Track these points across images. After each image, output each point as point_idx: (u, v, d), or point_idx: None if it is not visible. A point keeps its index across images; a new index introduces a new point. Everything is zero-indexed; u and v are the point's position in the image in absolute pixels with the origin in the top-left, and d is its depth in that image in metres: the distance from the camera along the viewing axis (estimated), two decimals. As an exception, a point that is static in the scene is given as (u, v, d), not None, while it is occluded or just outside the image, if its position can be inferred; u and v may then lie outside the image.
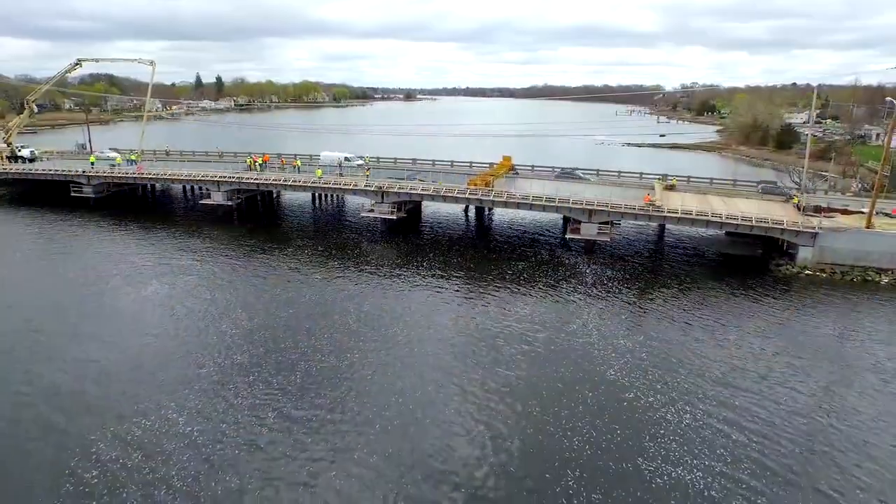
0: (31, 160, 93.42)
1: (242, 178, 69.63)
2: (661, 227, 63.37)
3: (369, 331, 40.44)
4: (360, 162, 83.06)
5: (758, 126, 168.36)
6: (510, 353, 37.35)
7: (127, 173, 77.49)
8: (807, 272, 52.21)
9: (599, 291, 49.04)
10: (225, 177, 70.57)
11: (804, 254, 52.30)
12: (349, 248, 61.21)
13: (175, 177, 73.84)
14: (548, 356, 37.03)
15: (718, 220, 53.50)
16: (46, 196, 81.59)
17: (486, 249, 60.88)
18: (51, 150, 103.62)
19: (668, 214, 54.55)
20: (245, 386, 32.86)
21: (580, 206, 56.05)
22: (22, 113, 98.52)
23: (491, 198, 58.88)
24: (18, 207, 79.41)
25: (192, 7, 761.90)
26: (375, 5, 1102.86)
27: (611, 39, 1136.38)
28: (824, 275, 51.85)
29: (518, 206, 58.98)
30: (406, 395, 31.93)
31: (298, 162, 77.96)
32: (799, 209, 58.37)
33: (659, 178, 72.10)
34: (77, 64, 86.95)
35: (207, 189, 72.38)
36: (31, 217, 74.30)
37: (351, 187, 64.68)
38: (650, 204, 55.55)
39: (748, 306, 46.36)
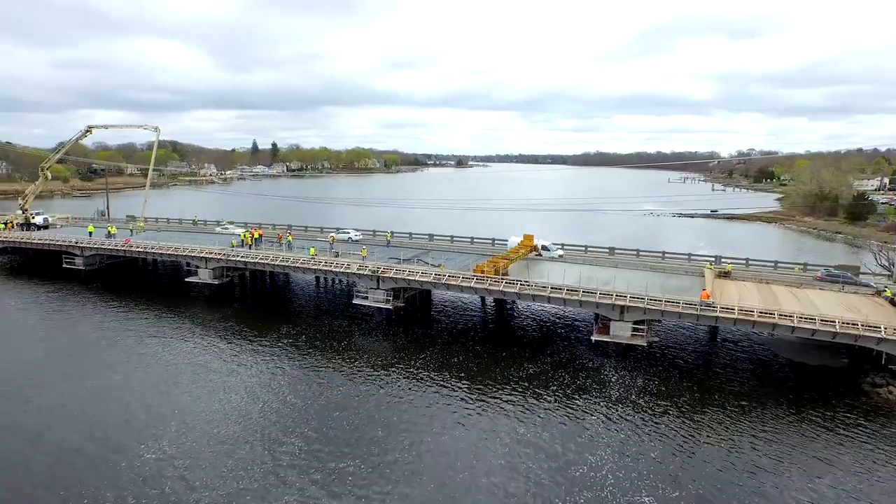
0: (44, 227, 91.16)
1: (230, 256, 62.25)
2: (714, 326, 51.35)
3: (340, 448, 32.62)
4: (358, 236, 75.34)
5: (825, 195, 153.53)
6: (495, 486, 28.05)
7: (116, 245, 71.77)
8: (916, 397, 39.29)
9: (626, 411, 37.70)
10: (212, 253, 63.45)
11: (911, 372, 39.62)
12: (340, 340, 52.31)
13: (161, 251, 67.30)
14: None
15: (789, 323, 41.43)
16: (43, 266, 78.04)
17: (497, 346, 50.39)
18: (66, 217, 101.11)
19: (723, 315, 42.89)
20: None
21: (609, 301, 45.17)
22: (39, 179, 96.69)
23: (500, 288, 48.70)
24: (15, 277, 76.34)
25: (261, 80, 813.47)
26: (435, 77, 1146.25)
27: (664, 108, 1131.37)
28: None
29: (534, 298, 48.54)
30: None
31: (291, 237, 70.25)
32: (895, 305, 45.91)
33: (710, 262, 60.50)
34: (88, 131, 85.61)
35: (196, 265, 65.32)
36: (20, 289, 70.23)
37: (342, 270, 55.91)
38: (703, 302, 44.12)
39: (836, 445, 33.97)
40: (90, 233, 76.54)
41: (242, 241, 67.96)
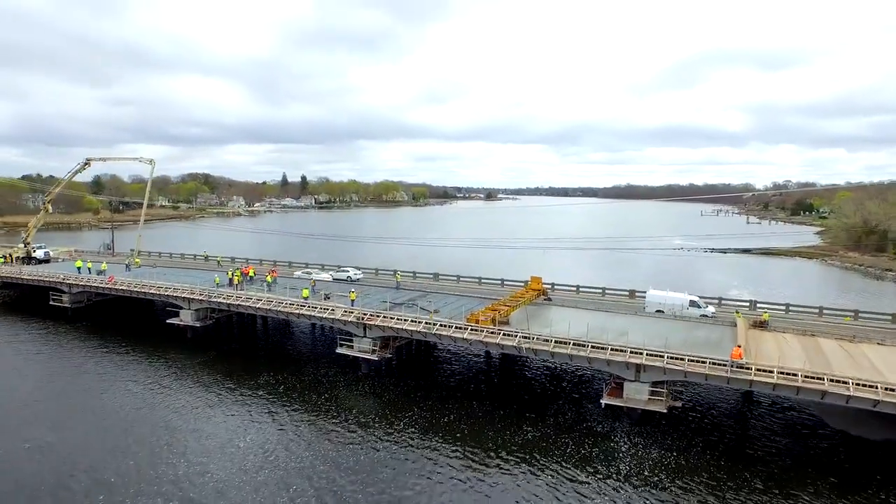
0: (45, 261, 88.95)
1: (210, 297, 57.50)
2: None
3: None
4: (358, 275, 70.20)
5: (871, 229, 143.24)
6: None
7: (103, 282, 68.02)
8: None
9: (637, 490, 30.88)
10: (194, 293, 58.86)
11: None
12: (322, 392, 46.80)
13: (143, 290, 63.04)
14: None
15: (843, 391, 34.06)
16: (34, 302, 75.26)
17: (496, 402, 43.96)
18: (70, 250, 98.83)
19: (759, 378, 35.72)
20: None
21: (622, 359, 38.46)
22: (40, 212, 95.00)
23: (497, 341, 42.32)
24: (4, 313, 73.34)
25: (296, 114, 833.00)
26: (466, 110, 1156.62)
27: (696, 139, 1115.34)
28: None
29: (535, 353, 42.02)
30: None
31: (270, 276, 65.17)
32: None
33: (745, 308, 53.23)
34: (86, 164, 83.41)
35: (178, 306, 60.80)
36: (3, 326, 67.22)
37: (326, 316, 50.40)
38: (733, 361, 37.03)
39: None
40: (78, 268, 73.16)
41: (230, 279, 63.20)
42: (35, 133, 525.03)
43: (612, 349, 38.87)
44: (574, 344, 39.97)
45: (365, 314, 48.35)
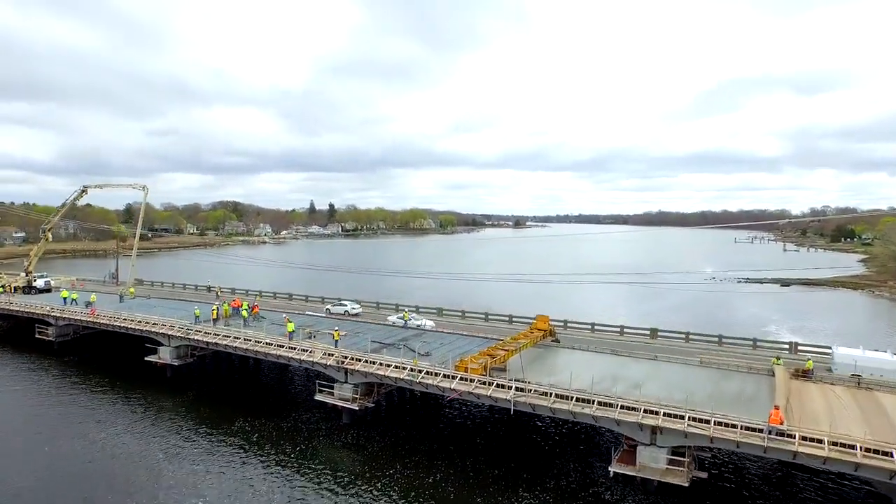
0: (46, 290, 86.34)
1: (189, 333, 52.96)
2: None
3: None
4: (356, 309, 65.05)
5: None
6: None
7: (87, 315, 64.42)
8: None
9: None
10: (173, 328, 54.48)
11: None
12: (298, 442, 41.77)
13: (124, 324, 59.01)
14: None
15: (911, 468, 27.11)
16: (24, 335, 71.69)
17: (490, 460, 37.98)
18: (71, 279, 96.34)
19: (805, 450, 28.85)
20: None
21: (634, 419, 32.08)
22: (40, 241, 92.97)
23: (488, 393, 36.31)
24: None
25: (329, 143, 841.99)
26: (496, 138, 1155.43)
27: (731, 165, 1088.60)
28: None
29: (533, 408, 35.77)
30: None
31: (256, 309, 60.30)
32: None
33: (784, 349, 46.18)
34: (83, 191, 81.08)
35: (158, 342, 56.49)
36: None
37: (305, 358, 45.15)
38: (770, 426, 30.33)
39: None
40: (63, 299, 69.81)
41: (215, 317, 58.69)
42: (79, 163, 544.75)
43: (621, 407, 32.55)
44: (577, 399, 33.75)
45: (345, 357, 42.95)
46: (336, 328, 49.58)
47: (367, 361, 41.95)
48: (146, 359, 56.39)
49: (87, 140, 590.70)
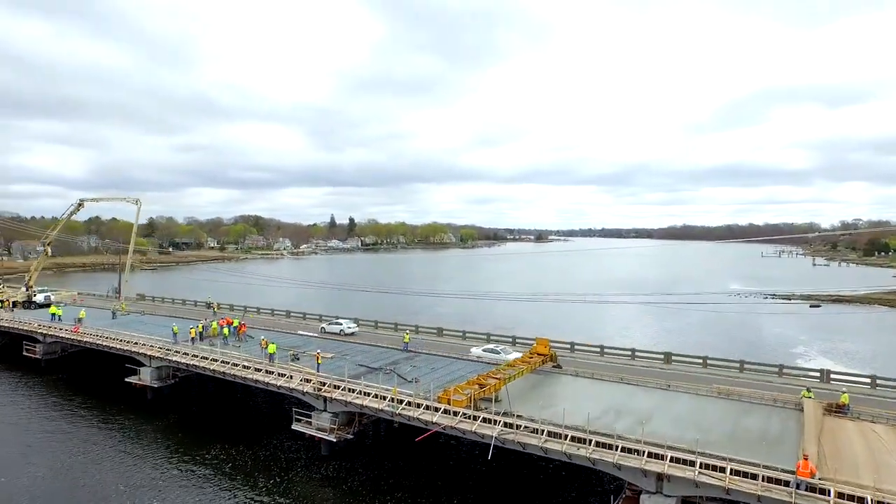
0: (46, 305, 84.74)
1: (168, 354, 49.88)
2: None
3: None
4: (352, 328, 61.46)
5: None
6: None
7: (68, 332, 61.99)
8: None
9: None
10: (153, 348, 51.52)
11: None
12: (272, 475, 38.08)
13: (104, 343, 56.31)
14: None
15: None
16: (14, 351, 69.61)
17: (480, 496, 33.87)
18: (72, 294, 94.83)
19: (838, 507, 24.19)
20: None
21: (636, 464, 27.61)
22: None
23: (473, 428, 32.12)
24: None
25: (352, 158, 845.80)
26: (519, 153, 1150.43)
27: (757, 178, 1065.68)
28: None
29: (523, 447, 31.39)
30: None
31: (243, 328, 56.91)
32: None
33: (814, 378, 41.19)
34: (80, 204, 79.67)
35: (140, 363, 53.58)
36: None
37: (282, 383, 41.55)
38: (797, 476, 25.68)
39: None
40: (52, 315, 67.62)
41: (200, 331, 55.65)
42: (109, 179, 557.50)
43: (622, 448, 28.18)
44: (572, 438, 29.46)
45: (323, 383, 39.26)
46: (318, 350, 45.97)
47: (345, 389, 38.18)
48: (126, 380, 53.47)
49: (117, 156, 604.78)
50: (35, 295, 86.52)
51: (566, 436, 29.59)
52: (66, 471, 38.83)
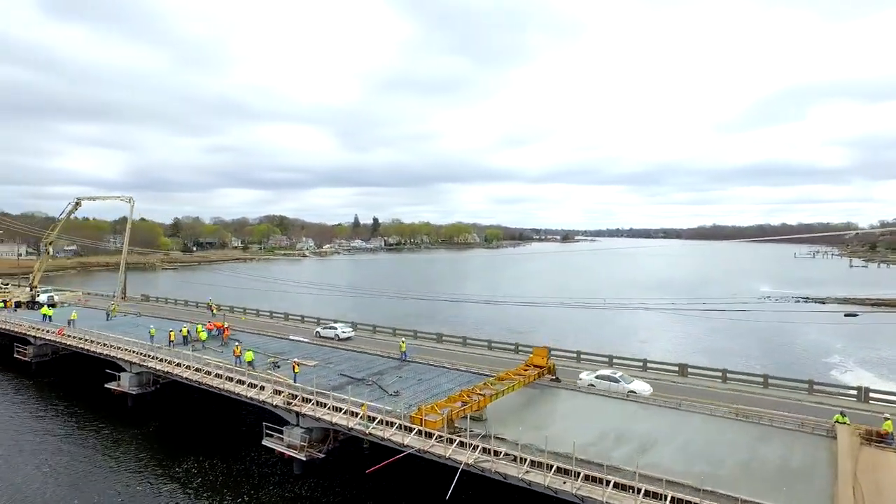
0: (51, 306, 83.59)
1: (145, 360, 47.07)
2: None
3: None
4: (348, 332, 58.11)
5: None
6: None
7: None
8: None
9: None
10: (133, 353, 48.87)
11: None
12: (241, 493, 34.95)
13: (86, 346, 53.95)
14: None
15: None
16: (8, 353, 68.19)
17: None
18: (77, 293, 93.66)
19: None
20: None
21: None
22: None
23: (447, 454, 28.06)
24: None
25: (379, 159, 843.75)
26: (546, 153, 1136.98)
27: (790, 177, 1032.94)
28: None
29: (504, 477, 27.16)
30: None
31: (227, 333, 53.84)
32: None
33: (851, 397, 36.17)
34: (77, 203, 78.12)
35: (121, 368, 51.02)
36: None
37: (253, 395, 38.19)
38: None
39: None
40: (44, 316, 65.84)
41: (184, 336, 52.85)
42: (143, 180, 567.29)
43: (615, 484, 23.91)
44: (557, 469, 25.28)
45: (294, 396, 35.76)
46: (295, 358, 42.53)
47: (316, 403, 34.59)
48: (106, 386, 50.93)
49: (150, 157, 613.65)
50: (39, 295, 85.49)
51: (551, 466, 25.42)
52: (24, 484, 36.21)
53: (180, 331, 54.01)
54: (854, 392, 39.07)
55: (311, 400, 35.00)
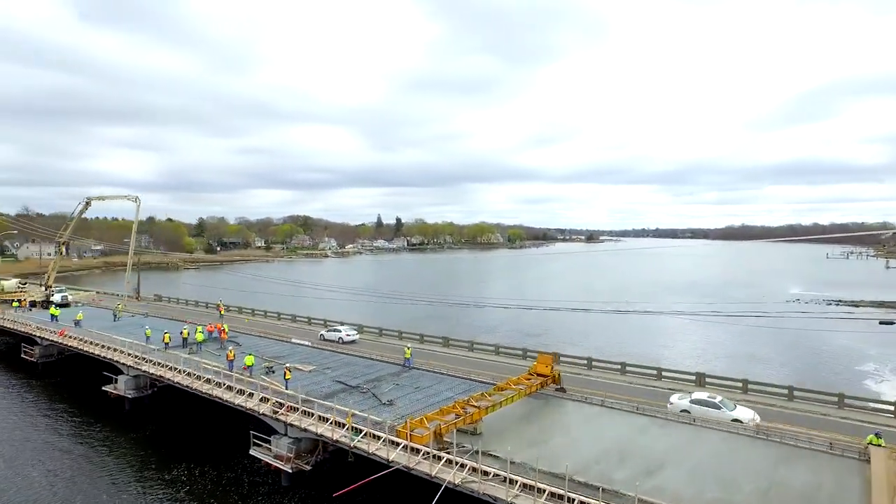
0: (64, 305, 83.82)
1: (139, 363, 45.88)
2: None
3: None
4: (352, 335, 56.29)
5: None
6: None
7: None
8: None
9: None
10: (129, 355, 47.73)
11: None
12: (232, 500, 33.65)
13: (85, 347, 53.14)
14: None
15: None
16: (15, 352, 68.26)
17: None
18: (90, 293, 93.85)
19: None
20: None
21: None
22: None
23: (433, 472, 25.88)
24: None
25: (406, 160, 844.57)
26: (573, 152, 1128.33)
27: (823, 176, 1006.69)
28: None
29: (494, 500, 24.82)
30: None
31: (224, 336, 52.43)
32: None
33: (888, 412, 33.03)
34: (87, 203, 77.97)
35: (118, 371, 50.00)
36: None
37: (241, 402, 36.50)
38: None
39: None
40: (52, 316, 65.55)
41: (185, 338, 51.61)
42: (175, 181, 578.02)
43: (617, 510, 21.47)
44: (550, 494, 22.89)
45: (281, 404, 33.95)
46: (289, 364, 40.76)
47: (302, 412, 32.71)
48: (103, 388, 49.93)
49: (181, 159, 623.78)
50: (52, 295, 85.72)
51: (543, 490, 23.05)
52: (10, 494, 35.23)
53: (180, 332, 52.82)
54: (891, 408, 35.68)
55: (298, 409, 33.12)
